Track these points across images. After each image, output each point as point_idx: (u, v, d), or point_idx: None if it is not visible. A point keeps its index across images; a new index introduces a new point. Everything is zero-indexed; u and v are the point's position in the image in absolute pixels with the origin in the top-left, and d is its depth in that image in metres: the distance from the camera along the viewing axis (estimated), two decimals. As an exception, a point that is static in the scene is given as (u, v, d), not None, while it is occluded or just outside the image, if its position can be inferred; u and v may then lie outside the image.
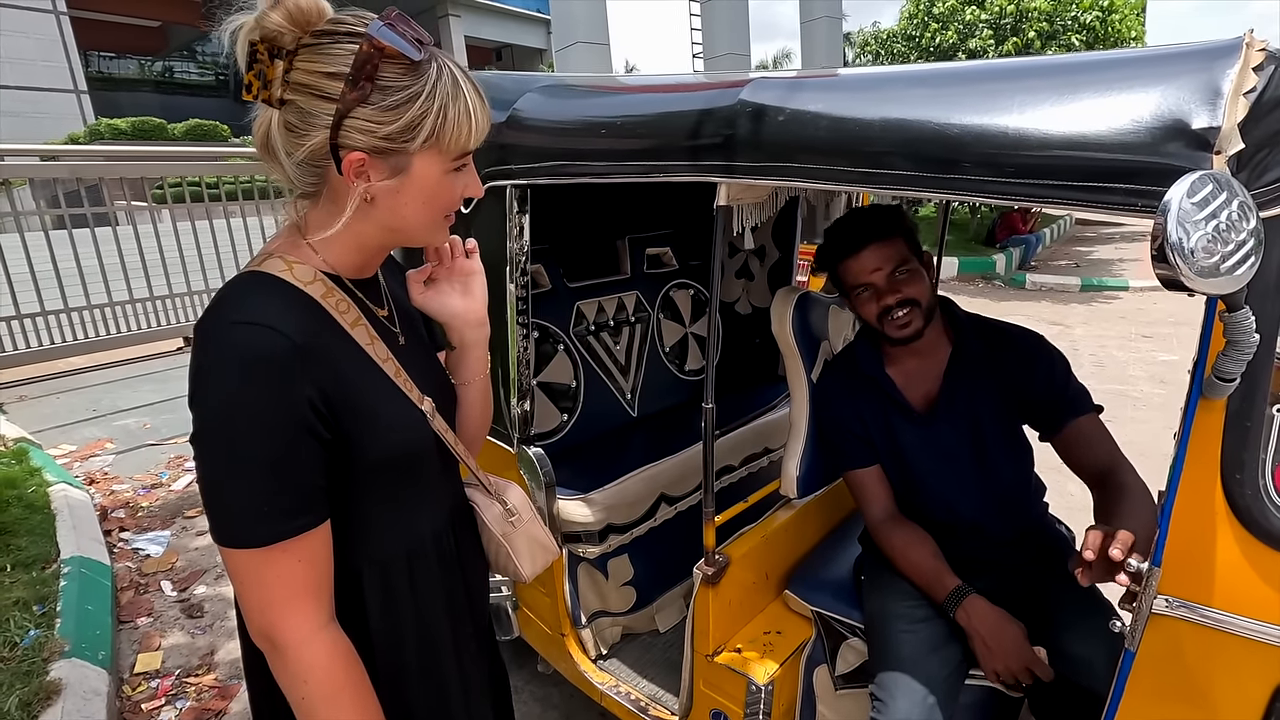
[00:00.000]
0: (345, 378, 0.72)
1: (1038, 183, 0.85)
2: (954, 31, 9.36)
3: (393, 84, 0.67)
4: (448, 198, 0.76)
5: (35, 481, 2.99)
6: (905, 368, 1.42)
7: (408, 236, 0.77)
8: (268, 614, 0.69)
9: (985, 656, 1.20)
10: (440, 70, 0.70)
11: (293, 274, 0.72)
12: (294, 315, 0.69)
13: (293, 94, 0.67)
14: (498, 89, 1.68)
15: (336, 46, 0.66)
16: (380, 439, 0.74)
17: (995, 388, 1.34)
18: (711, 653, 1.45)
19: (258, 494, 0.66)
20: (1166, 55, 0.84)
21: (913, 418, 1.39)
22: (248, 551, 0.67)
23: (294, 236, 0.76)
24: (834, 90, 1.12)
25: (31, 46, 21.55)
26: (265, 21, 0.66)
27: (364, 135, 0.67)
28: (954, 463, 1.37)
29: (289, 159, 0.70)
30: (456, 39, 26.28)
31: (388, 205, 0.73)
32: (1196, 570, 0.88)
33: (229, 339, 0.65)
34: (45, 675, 1.88)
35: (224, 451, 0.66)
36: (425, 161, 0.71)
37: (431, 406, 0.82)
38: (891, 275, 1.32)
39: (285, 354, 0.65)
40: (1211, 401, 0.83)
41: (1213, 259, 0.69)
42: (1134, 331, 5.94)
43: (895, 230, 1.34)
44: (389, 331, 0.82)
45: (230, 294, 0.69)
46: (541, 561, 1.00)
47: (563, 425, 2.11)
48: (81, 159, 6.14)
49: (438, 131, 0.70)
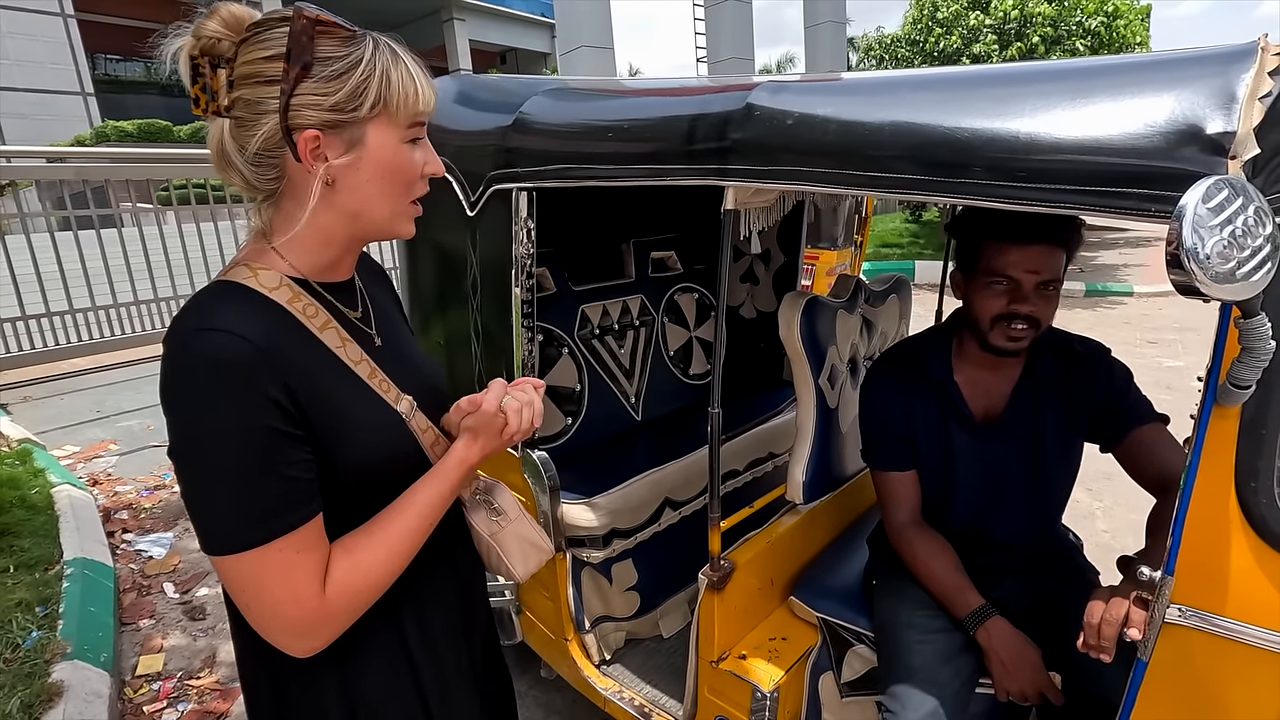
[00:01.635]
0: (314, 381, 0.71)
1: (1050, 187, 0.84)
2: (958, 36, 9.37)
3: (332, 54, 0.69)
4: (407, 173, 0.75)
5: (39, 483, 2.99)
6: (974, 377, 1.35)
7: (374, 223, 0.76)
8: (281, 613, 0.68)
9: (1002, 677, 1.19)
10: (376, 41, 0.71)
11: (258, 280, 0.71)
12: (258, 321, 0.68)
13: (237, 91, 0.68)
14: (504, 92, 1.68)
15: (271, 32, 0.68)
16: (353, 443, 0.74)
17: (1061, 405, 1.30)
18: (716, 659, 1.44)
19: (241, 499, 0.66)
20: (1180, 60, 0.84)
21: (972, 429, 1.34)
22: (238, 557, 0.66)
23: (260, 244, 0.75)
24: (843, 94, 1.11)
25: (39, 49, 21.67)
26: (202, 32, 0.68)
27: (313, 110, 0.68)
28: (1003, 478, 1.33)
29: (243, 156, 0.70)
30: (461, 43, 26.38)
31: (349, 185, 0.72)
32: (1210, 579, 0.87)
33: (192, 347, 0.65)
34: (47, 677, 1.87)
35: (200, 461, 0.66)
36: (379, 130, 0.72)
37: (410, 405, 0.81)
38: (1041, 285, 1.20)
39: (249, 358, 0.65)
40: (1226, 409, 0.82)
41: (1228, 265, 0.69)
42: (1139, 337, 5.91)
43: (1069, 241, 1.21)
44: (363, 333, 0.81)
45: (195, 304, 0.69)
46: (535, 561, 0.99)
47: (567, 429, 2.11)
48: (87, 161, 6.16)
49: (384, 95, 0.70)
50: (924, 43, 9.78)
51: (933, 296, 2.13)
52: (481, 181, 1.58)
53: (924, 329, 1.52)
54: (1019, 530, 1.36)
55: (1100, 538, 2.87)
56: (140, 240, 5.03)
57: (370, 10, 20.68)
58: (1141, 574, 0.90)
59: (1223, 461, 0.84)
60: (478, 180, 1.59)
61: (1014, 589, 1.33)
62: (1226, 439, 0.83)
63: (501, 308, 1.59)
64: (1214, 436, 0.83)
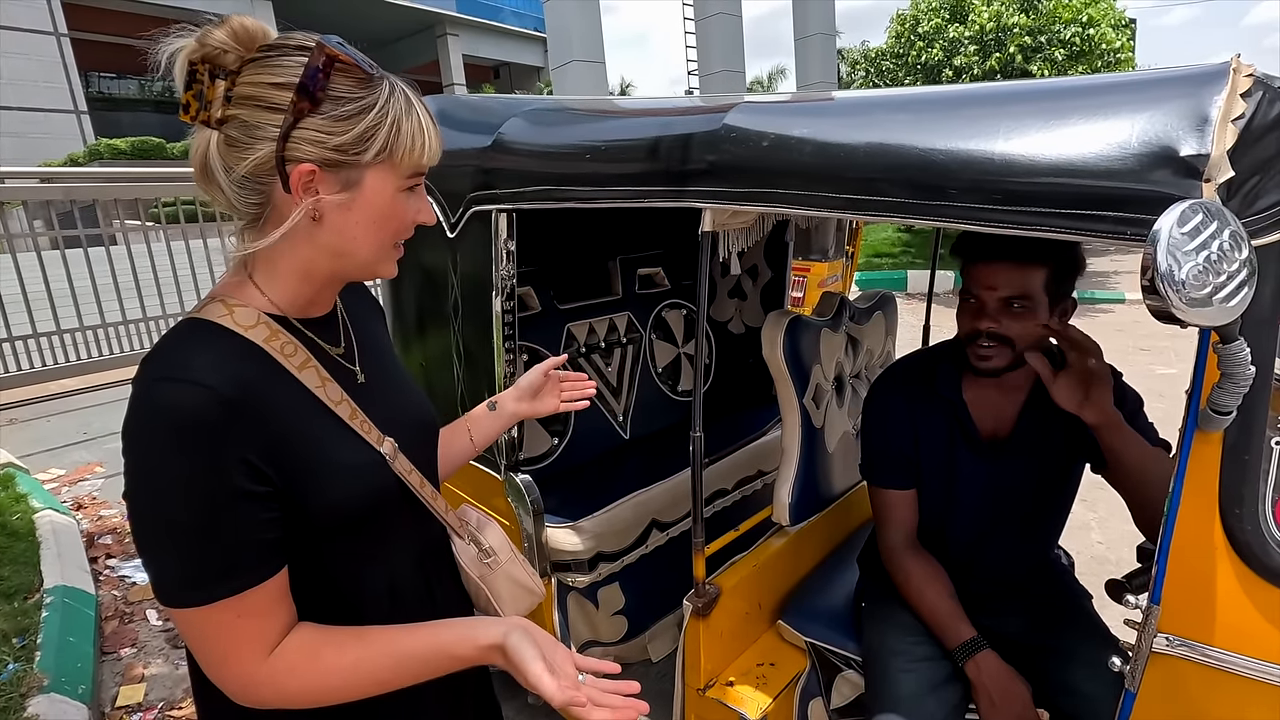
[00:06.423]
0: (288, 428, 0.69)
1: (1026, 209, 0.83)
2: (939, 49, 9.46)
3: (346, 95, 0.66)
4: (399, 221, 0.74)
5: (20, 508, 2.95)
6: (982, 396, 1.32)
7: (356, 263, 0.74)
8: (219, 669, 0.67)
9: (988, 713, 1.17)
10: (392, 87, 0.69)
11: (234, 318, 0.69)
12: (229, 367, 0.65)
13: (236, 109, 0.65)
14: (485, 112, 1.67)
15: (285, 59, 0.65)
16: (328, 486, 0.71)
17: (1068, 427, 1.25)
18: (703, 686, 1.42)
19: (188, 560, 0.64)
20: (1153, 80, 0.83)
21: (978, 449, 1.31)
22: (183, 611, 0.64)
23: (239, 275, 0.73)
24: (819, 115, 1.11)
25: (32, 68, 21.71)
26: (208, 40, 0.65)
27: (314, 146, 0.65)
28: (1004, 501, 1.30)
29: (229, 176, 0.67)
30: (455, 58, 26.51)
31: (336, 225, 0.70)
32: (1196, 608, 0.85)
33: (154, 399, 0.63)
34: (22, 711, 1.83)
35: (150, 518, 0.64)
36: (378, 177, 0.69)
37: (393, 447, 0.78)
38: (1005, 302, 1.18)
39: (213, 415, 0.62)
40: (1208, 434, 0.80)
41: (1204, 290, 0.67)
42: (1131, 345, 5.92)
43: (1043, 258, 1.16)
44: (345, 370, 0.79)
45: (163, 347, 0.67)
46: (526, 605, 0.96)
47: (553, 450, 2.08)
48: (77, 181, 6.14)
49: (391, 144, 0.68)
50: (907, 56, 9.87)
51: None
52: (461, 202, 1.57)
53: (936, 343, 1.47)
54: (1015, 556, 1.34)
55: (1095, 549, 2.85)
56: (128, 258, 5.00)
57: (364, 26, 20.71)
58: (1128, 602, 0.88)
59: (1206, 487, 0.82)
60: (458, 201, 1.58)
61: (1006, 617, 1.31)
62: (1210, 464, 0.81)
63: (483, 328, 1.57)
64: (1197, 462, 0.82)
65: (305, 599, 0.72)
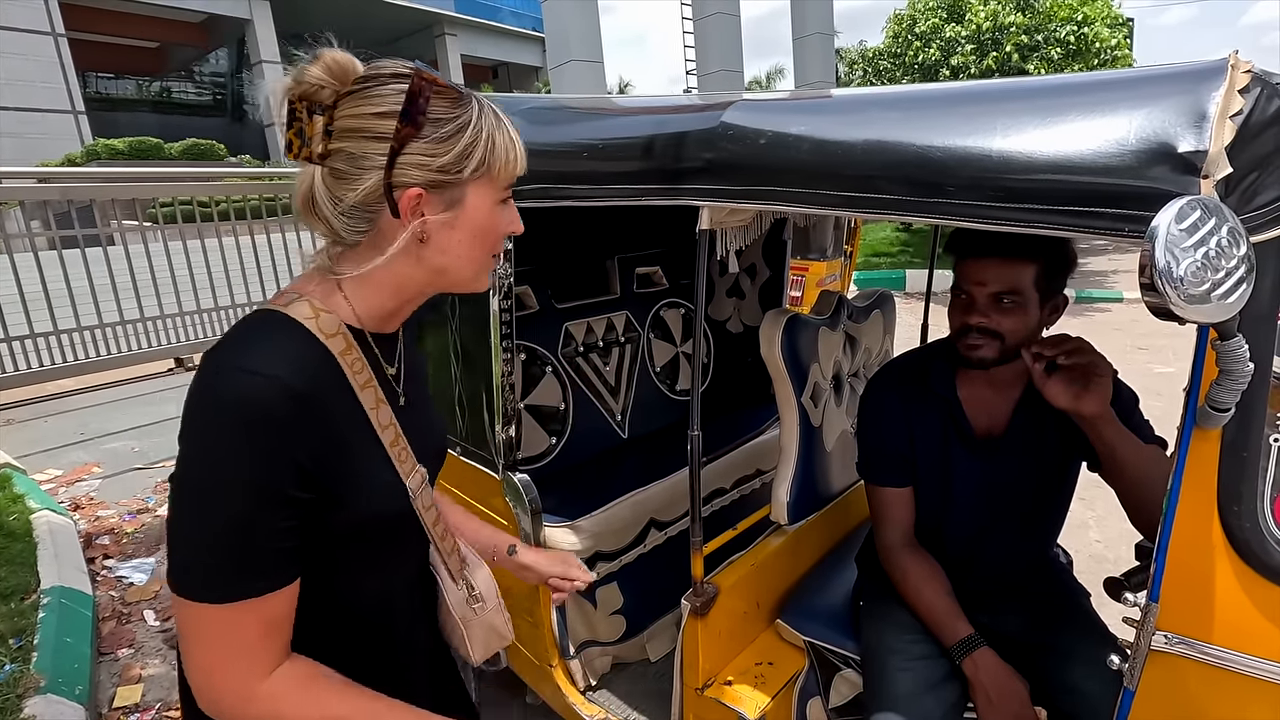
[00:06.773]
0: (341, 439, 0.70)
1: (1023, 206, 0.83)
2: (936, 49, 9.47)
3: (443, 116, 0.68)
4: (497, 234, 0.76)
5: (17, 509, 2.94)
6: (976, 393, 1.31)
7: (452, 279, 0.76)
8: (212, 676, 0.66)
9: (986, 711, 1.17)
10: (481, 103, 0.72)
11: (318, 322, 0.70)
12: (304, 365, 0.67)
13: (338, 142, 0.67)
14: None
15: (383, 88, 0.67)
16: (356, 502, 0.72)
17: (1063, 424, 1.24)
18: (701, 686, 1.41)
19: (220, 551, 0.63)
20: (1151, 77, 0.83)
21: (973, 446, 1.31)
22: (198, 605, 0.64)
23: (328, 283, 0.73)
24: (816, 113, 1.10)
25: (30, 68, 21.70)
26: (304, 77, 0.67)
27: (419, 170, 0.68)
28: (1001, 498, 1.30)
29: (337, 208, 0.69)
30: (453, 58, 26.51)
31: (440, 244, 0.72)
32: (1195, 605, 0.85)
33: (230, 386, 0.63)
34: (19, 712, 1.82)
35: (196, 502, 0.64)
36: (477, 193, 0.72)
37: (420, 480, 0.79)
38: (995, 298, 1.19)
39: (281, 410, 0.63)
40: (1206, 431, 0.80)
41: (1203, 286, 0.67)
42: (1129, 344, 5.93)
43: (1033, 253, 1.16)
44: (393, 391, 0.79)
45: (245, 332, 0.67)
46: (495, 646, 0.98)
47: (552, 449, 2.08)
48: (74, 181, 6.13)
49: (488, 159, 0.71)
50: (904, 55, 9.87)
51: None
52: (458, 202, 1.56)
53: (931, 341, 1.47)
54: (1013, 554, 1.34)
55: (1094, 548, 2.85)
56: (126, 259, 4.99)
57: (363, 25, 20.69)
58: (1127, 600, 0.88)
59: (1205, 485, 0.82)
60: (454, 200, 1.57)
61: (1004, 615, 1.31)
62: (1208, 462, 0.81)
63: (480, 327, 1.57)
64: (1195, 459, 0.82)
65: (302, 599, 0.72)
